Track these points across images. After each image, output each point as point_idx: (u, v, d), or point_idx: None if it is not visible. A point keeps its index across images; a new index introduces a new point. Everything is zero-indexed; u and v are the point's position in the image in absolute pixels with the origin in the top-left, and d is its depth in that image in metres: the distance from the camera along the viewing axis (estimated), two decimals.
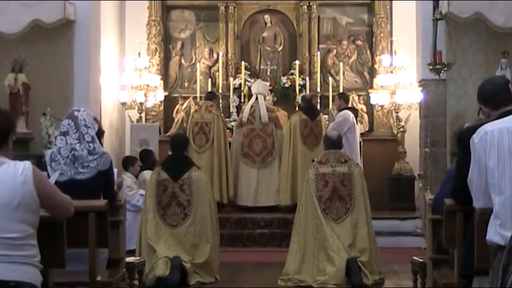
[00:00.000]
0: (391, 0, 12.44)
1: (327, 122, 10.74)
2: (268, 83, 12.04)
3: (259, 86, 11.29)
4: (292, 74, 12.37)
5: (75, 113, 5.00)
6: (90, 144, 4.91)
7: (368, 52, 12.61)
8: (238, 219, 10.23)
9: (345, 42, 12.65)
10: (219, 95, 11.90)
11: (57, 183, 4.51)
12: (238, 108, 12.05)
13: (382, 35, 12.38)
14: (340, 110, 10.46)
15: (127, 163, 9.28)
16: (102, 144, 5.13)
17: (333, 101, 11.59)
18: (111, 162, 5.01)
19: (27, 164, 3.32)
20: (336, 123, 10.18)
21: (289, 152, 10.46)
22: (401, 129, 11.69)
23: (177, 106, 12.46)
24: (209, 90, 11.84)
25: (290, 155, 10.44)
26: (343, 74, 12.34)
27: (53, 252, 3.50)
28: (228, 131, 11.32)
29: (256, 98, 11.05)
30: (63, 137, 4.93)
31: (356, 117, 10.59)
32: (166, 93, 12.47)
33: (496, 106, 3.66)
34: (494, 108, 3.66)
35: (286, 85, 12.35)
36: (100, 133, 5.13)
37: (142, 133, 11.23)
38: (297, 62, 12.30)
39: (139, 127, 11.52)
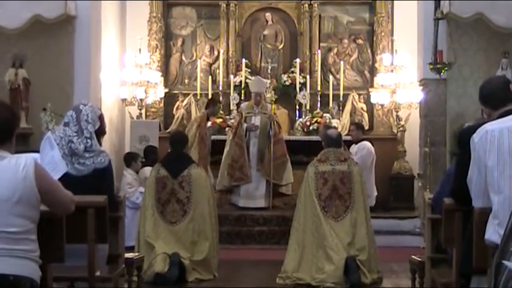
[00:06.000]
0: (392, 0, 12.44)
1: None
2: (269, 81, 12.04)
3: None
4: (292, 72, 12.36)
5: (81, 106, 4.92)
6: (88, 141, 4.80)
7: (369, 51, 12.60)
8: (237, 216, 10.24)
9: (345, 40, 12.63)
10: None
11: None
12: (239, 106, 12.05)
13: (383, 34, 12.36)
14: (357, 142, 10.25)
15: (130, 159, 9.26)
16: (100, 144, 5.02)
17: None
18: (109, 161, 4.89)
19: (29, 159, 3.30)
20: (361, 157, 9.80)
21: None
22: (401, 129, 11.67)
23: (177, 103, 12.45)
24: (209, 93, 11.89)
25: None
26: (344, 72, 12.33)
27: (52, 247, 3.48)
28: (227, 129, 11.35)
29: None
30: (64, 127, 4.87)
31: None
32: (167, 90, 12.46)
33: (496, 106, 3.66)
34: (495, 108, 3.66)
35: (287, 83, 12.34)
36: (101, 132, 5.02)
37: (142, 129, 11.23)
38: (298, 60, 12.29)
39: (139, 123, 11.51)
